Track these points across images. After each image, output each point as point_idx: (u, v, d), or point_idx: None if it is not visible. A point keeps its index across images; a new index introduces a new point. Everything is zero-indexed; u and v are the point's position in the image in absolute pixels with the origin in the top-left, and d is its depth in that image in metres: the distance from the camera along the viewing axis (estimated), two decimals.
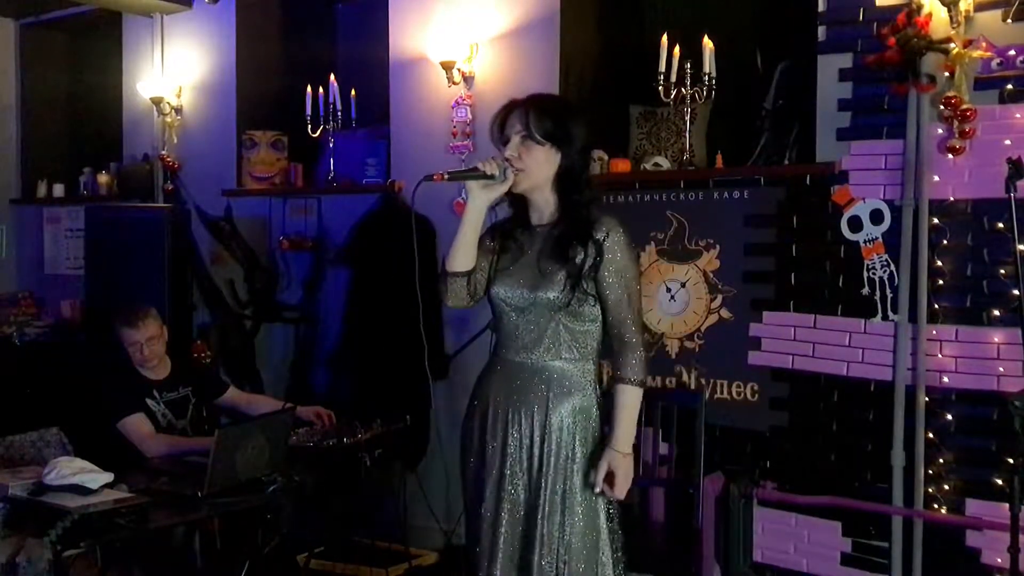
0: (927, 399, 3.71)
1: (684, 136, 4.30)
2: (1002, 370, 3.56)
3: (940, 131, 3.67)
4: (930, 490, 3.71)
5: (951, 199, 3.68)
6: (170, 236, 5.21)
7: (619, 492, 2.59)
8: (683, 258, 4.29)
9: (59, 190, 6.62)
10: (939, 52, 3.58)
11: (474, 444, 2.73)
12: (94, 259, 5.51)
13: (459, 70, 4.76)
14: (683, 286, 4.30)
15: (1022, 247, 3.19)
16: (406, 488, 4.73)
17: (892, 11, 3.70)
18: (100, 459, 3.22)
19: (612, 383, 2.64)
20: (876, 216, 3.83)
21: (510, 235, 2.74)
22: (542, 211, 2.71)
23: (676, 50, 4.17)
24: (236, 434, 3.33)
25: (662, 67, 4.18)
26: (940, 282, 3.70)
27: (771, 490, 3.95)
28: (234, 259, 5.67)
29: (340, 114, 5.18)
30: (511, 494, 2.64)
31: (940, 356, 3.70)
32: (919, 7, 3.61)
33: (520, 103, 2.67)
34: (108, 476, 3.11)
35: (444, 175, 2.65)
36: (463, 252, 2.67)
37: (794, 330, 4.02)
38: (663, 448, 4.04)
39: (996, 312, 3.60)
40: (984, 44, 3.54)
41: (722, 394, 4.19)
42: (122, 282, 5.17)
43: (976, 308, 3.64)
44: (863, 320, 3.86)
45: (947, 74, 3.60)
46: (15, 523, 3.00)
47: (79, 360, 5.47)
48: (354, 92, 5.22)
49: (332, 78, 5.17)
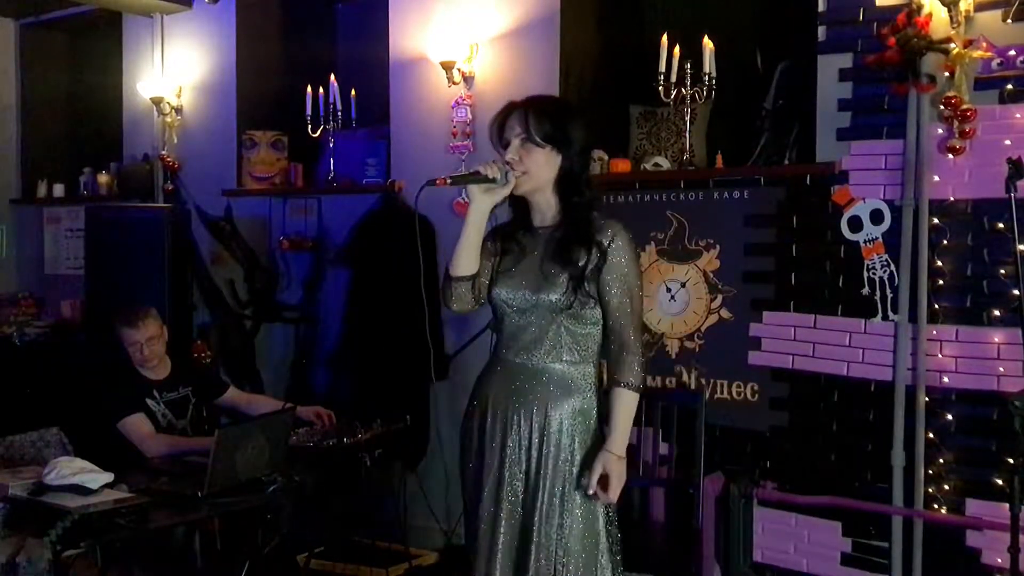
0: (927, 399, 3.71)
1: (684, 136, 4.30)
2: (1002, 370, 3.56)
3: (940, 131, 3.67)
4: (930, 490, 3.71)
5: (951, 199, 3.68)
6: (170, 236, 5.21)
7: (612, 495, 2.58)
8: (683, 258, 4.29)
9: (59, 190, 6.62)
10: (939, 52, 3.58)
11: (473, 445, 2.73)
12: (94, 259, 5.51)
13: (459, 70, 4.76)
14: (683, 286, 4.30)
15: (1022, 247, 3.18)
16: (406, 488, 4.73)
17: (892, 11, 3.70)
18: (100, 459, 3.22)
19: (610, 385, 2.64)
20: (876, 216, 3.83)
21: (511, 237, 2.73)
22: (544, 213, 2.70)
23: (676, 50, 4.17)
24: (236, 434, 3.33)
25: (662, 67, 4.18)
26: (940, 282, 3.70)
27: (771, 490, 3.95)
28: (234, 259, 5.67)
29: (340, 114, 5.18)
30: (510, 495, 2.64)
31: (940, 356, 3.70)
32: (919, 7, 3.61)
33: (519, 105, 2.66)
34: (108, 476, 3.11)
35: (447, 179, 2.64)
36: (467, 256, 2.66)
37: (794, 330, 4.01)
38: (663, 448, 4.04)
39: (996, 312, 3.60)
40: (984, 44, 3.54)
41: (722, 394, 4.18)
42: (122, 282, 5.17)
43: (976, 308, 3.64)
44: (863, 320, 3.86)
45: (947, 74, 3.60)
46: (15, 523, 3.00)
47: (79, 360, 5.47)
48: (354, 92, 5.22)
49: (332, 78, 5.17)
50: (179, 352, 4.38)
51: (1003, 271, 3.57)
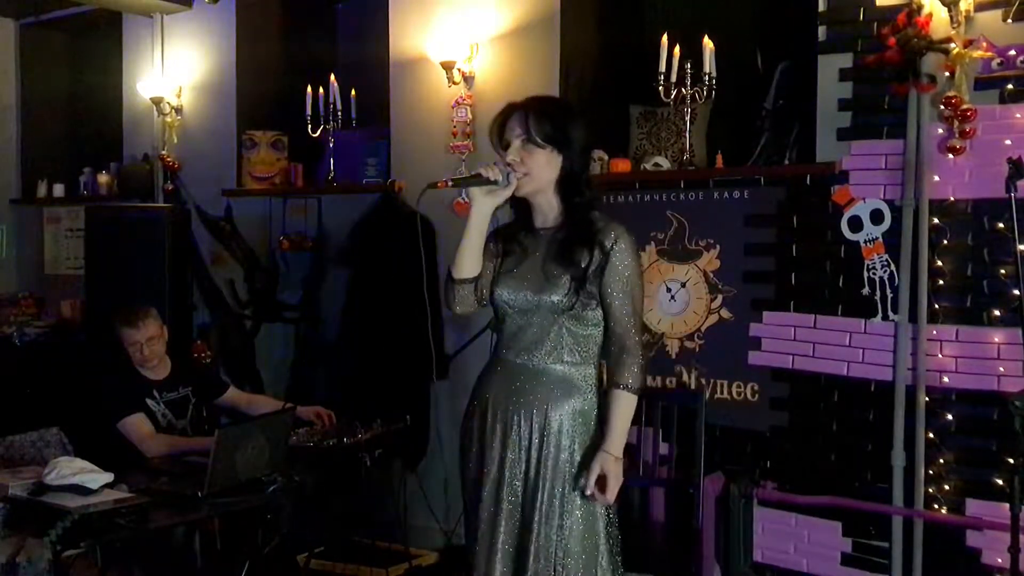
0: (927, 399, 3.71)
1: (684, 136, 4.29)
2: (1002, 370, 3.56)
3: (940, 131, 3.67)
4: (930, 490, 3.71)
5: (951, 199, 3.68)
6: (170, 236, 5.21)
7: (610, 496, 2.57)
8: (683, 258, 4.29)
9: (59, 190, 6.62)
10: (939, 52, 3.58)
11: (473, 445, 2.73)
12: (94, 259, 5.50)
13: (459, 70, 4.76)
14: (683, 286, 4.30)
15: (1022, 247, 3.18)
16: (406, 488, 4.74)
17: (892, 11, 3.70)
18: (100, 459, 3.22)
19: (609, 387, 2.63)
20: (876, 216, 3.83)
21: (513, 238, 2.72)
22: (546, 214, 2.70)
23: (676, 50, 4.17)
24: (236, 434, 3.33)
25: (662, 67, 4.18)
26: (940, 282, 3.70)
27: (771, 490, 3.95)
28: (234, 259, 5.67)
29: (340, 114, 5.18)
30: (510, 496, 2.64)
31: (940, 356, 3.70)
32: (919, 7, 3.61)
33: (519, 106, 2.65)
34: (108, 476, 3.11)
35: (448, 182, 2.64)
36: (469, 258, 2.66)
37: (794, 330, 4.01)
38: (663, 448, 4.04)
39: (996, 312, 3.60)
40: (984, 44, 3.54)
41: (722, 394, 4.18)
42: (122, 282, 5.17)
43: (976, 308, 3.64)
44: (863, 320, 3.85)
45: (947, 74, 3.60)
46: (15, 523, 2.99)
47: (79, 360, 5.47)
48: (354, 92, 5.21)
49: (332, 78, 5.17)
50: (179, 352, 4.38)
51: (1003, 271, 3.57)
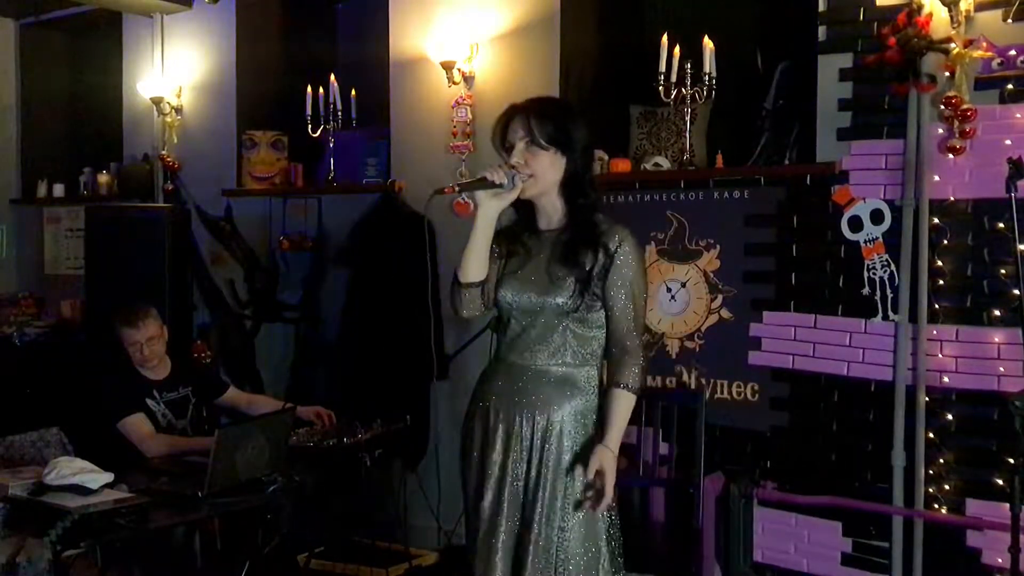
0: (927, 399, 3.71)
1: (684, 136, 4.29)
2: (1002, 370, 3.56)
3: (940, 131, 3.67)
4: (930, 490, 3.71)
5: (951, 199, 3.68)
6: (170, 236, 5.20)
7: (607, 492, 2.53)
8: (683, 258, 4.29)
9: (59, 190, 6.62)
10: (939, 52, 3.58)
11: (475, 446, 2.71)
12: (94, 259, 5.50)
13: (459, 70, 4.75)
14: (683, 286, 4.30)
15: (1022, 247, 3.18)
16: (406, 488, 4.74)
17: (892, 11, 3.70)
18: (100, 459, 3.22)
19: (609, 386, 2.62)
20: (876, 216, 3.83)
21: (516, 239, 2.71)
22: (550, 216, 2.69)
23: (676, 50, 4.17)
24: (236, 434, 3.33)
25: (662, 67, 4.18)
26: (940, 282, 3.70)
27: (771, 490, 3.95)
28: (234, 259, 5.67)
29: (340, 114, 5.18)
30: (511, 496, 2.63)
31: (940, 356, 3.70)
32: (919, 7, 3.61)
33: (521, 108, 2.64)
34: (108, 476, 3.11)
35: (454, 187, 2.64)
36: (476, 262, 2.64)
37: (794, 330, 4.01)
38: (663, 448, 4.04)
39: (996, 312, 3.60)
40: (984, 44, 3.54)
41: (722, 394, 4.18)
42: (122, 282, 5.17)
43: (976, 308, 3.64)
44: (863, 320, 3.86)
45: (947, 74, 3.60)
46: (15, 523, 2.99)
47: (79, 360, 5.47)
48: (354, 92, 5.21)
49: (332, 78, 5.17)
50: (179, 352, 4.38)
51: (1003, 271, 3.57)
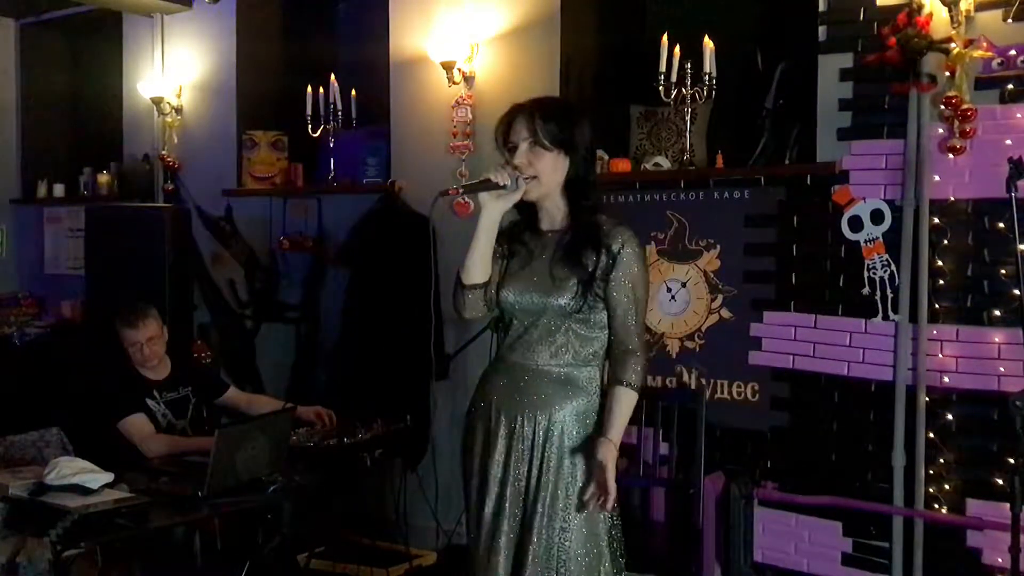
0: (928, 399, 3.71)
1: (684, 136, 4.29)
2: (1003, 370, 3.56)
3: (941, 131, 3.67)
4: (931, 490, 3.71)
5: (951, 199, 3.68)
6: (170, 236, 5.20)
7: (610, 483, 2.51)
8: (683, 258, 4.29)
9: (59, 190, 6.61)
10: (940, 52, 3.58)
11: (477, 445, 2.71)
12: (94, 259, 5.50)
13: (459, 70, 4.75)
14: (683, 286, 4.29)
15: (1022, 247, 3.18)
16: (406, 488, 4.73)
17: (893, 11, 3.70)
18: (100, 459, 3.22)
19: (611, 384, 2.62)
20: (876, 216, 3.83)
21: (518, 239, 2.71)
22: (553, 216, 2.68)
23: (676, 50, 4.17)
24: (236, 434, 3.33)
25: (662, 67, 4.18)
26: (941, 282, 3.70)
27: (771, 490, 3.95)
28: (234, 259, 5.67)
29: (340, 114, 5.18)
30: (513, 496, 2.62)
31: (941, 356, 3.70)
32: (920, 7, 3.61)
33: (525, 108, 2.62)
34: (108, 476, 3.10)
35: (459, 189, 2.63)
36: (479, 264, 2.63)
37: (794, 330, 4.01)
38: (663, 448, 4.03)
39: (997, 312, 3.60)
40: (985, 44, 3.53)
41: (722, 394, 4.18)
42: (122, 282, 5.16)
43: (977, 308, 3.64)
44: (864, 320, 3.85)
45: (948, 74, 3.60)
46: (15, 523, 3.00)
47: (79, 360, 5.47)
48: (354, 92, 5.21)
49: (332, 78, 5.17)
50: (179, 352, 4.38)
51: (1004, 271, 3.57)
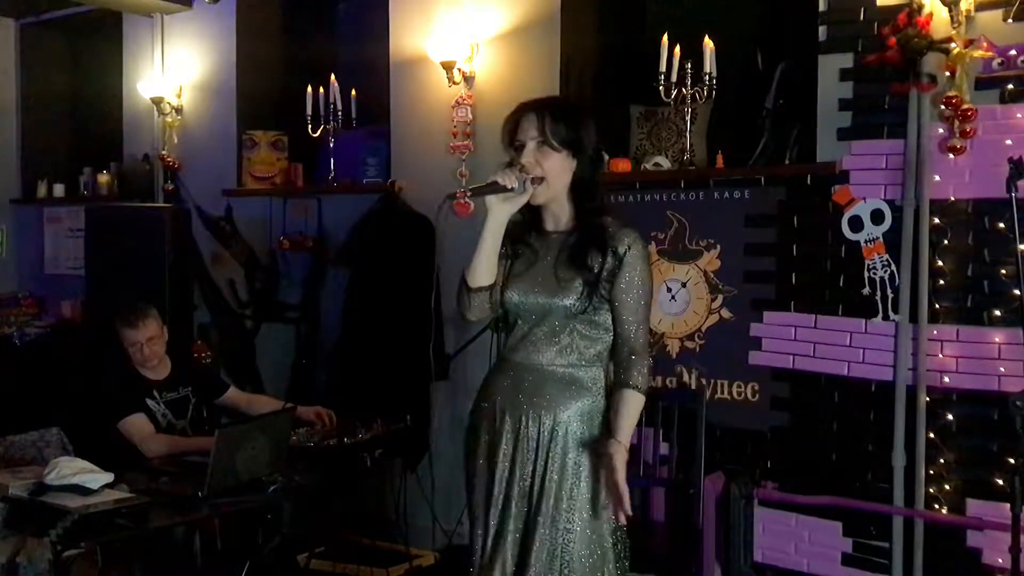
0: (928, 399, 3.71)
1: (684, 136, 4.29)
2: (1003, 370, 3.56)
3: (941, 131, 3.67)
4: (931, 490, 3.71)
5: (952, 199, 3.68)
6: (170, 236, 5.20)
7: (622, 483, 2.50)
8: (683, 258, 4.29)
9: (59, 190, 6.62)
10: (940, 52, 3.58)
11: (481, 446, 2.69)
12: (94, 259, 5.50)
13: (459, 70, 4.75)
14: (684, 286, 4.29)
15: (1022, 247, 3.17)
16: (406, 488, 4.73)
17: (893, 11, 3.70)
18: (100, 459, 3.22)
19: (617, 386, 2.61)
20: (877, 216, 3.83)
21: (522, 240, 2.69)
22: (558, 217, 2.68)
23: (676, 50, 4.17)
24: (236, 434, 3.33)
25: (662, 67, 4.17)
26: (941, 282, 3.70)
27: (771, 490, 3.95)
28: (234, 259, 5.66)
29: (340, 114, 5.18)
30: (519, 495, 2.61)
31: (941, 356, 3.70)
32: (920, 7, 3.61)
33: (533, 107, 2.61)
34: (108, 476, 3.10)
35: (467, 192, 2.61)
36: (485, 266, 2.62)
37: (795, 330, 4.01)
38: (663, 448, 4.03)
39: (997, 312, 3.60)
40: (985, 44, 3.53)
41: (722, 394, 4.18)
42: (122, 282, 5.16)
43: (977, 308, 3.64)
44: (864, 320, 3.85)
45: (948, 74, 3.60)
46: (15, 523, 3.00)
47: (79, 360, 5.47)
48: (354, 92, 5.21)
49: (332, 78, 5.17)
50: (179, 352, 4.38)
51: (1004, 271, 3.57)
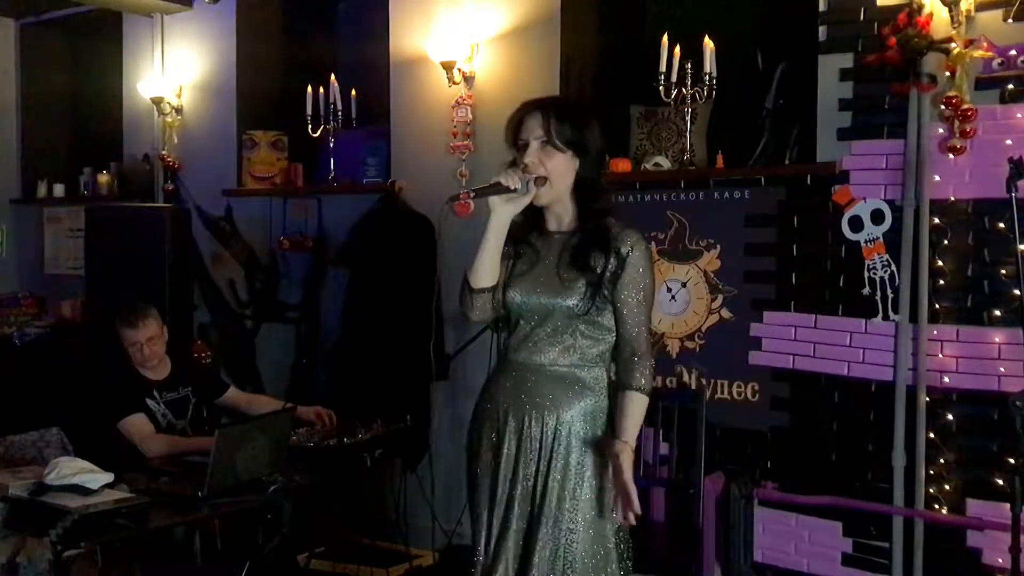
0: (928, 399, 3.71)
1: (684, 136, 4.29)
2: (1003, 370, 3.56)
3: (941, 131, 3.67)
4: (931, 490, 3.71)
5: (952, 199, 3.68)
6: (170, 236, 5.20)
7: (630, 485, 2.48)
8: (684, 258, 4.29)
9: (59, 190, 6.62)
10: (940, 52, 3.58)
11: (484, 446, 2.68)
12: (94, 259, 5.50)
13: (459, 70, 4.75)
14: (684, 286, 4.29)
15: (1022, 247, 3.17)
16: (406, 488, 4.73)
17: (893, 11, 3.70)
18: (100, 459, 3.22)
19: (621, 388, 2.60)
20: (877, 216, 3.83)
21: (524, 240, 2.69)
22: (560, 218, 2.67)
23: (676, 50, 4.17)
24: (236, 434, 3.33)
25: (662, 67, 4.17)
26: (941, 282, 3.70)
27: (771, 490, 3.95)
28: (234, 259, 5.67)
29: (340, 114, 5.18)
30: (522, 495, 2.61)
31: (941, 356, 3.70)
32: (920, 7, 3.61)
33: (538, 106, 2.61)
34: (108, 476, 3.10)
35: (470, 194, 2.60)
36: (488, 267, 2.61)
37: (795, 330, 4.01)
38: (663, 448, 4.03)
39: (997, 312, 3.60)
40: (985, 44, 3.53)
41: (722, 394, 4.18)
42: (122, 282, 5.16)
43: (977, 308, 3.64)
44: (864, 320, 3.85)
45: (948, 74, 3.60)
46: (15, 523, 3.00)
47: (79, 360, 5.47)
48: (354, 92, 5.21)
49: (332, 78, 5.17)
50: (179, 352, 4.38)
51: (1004, 271, 3.57)
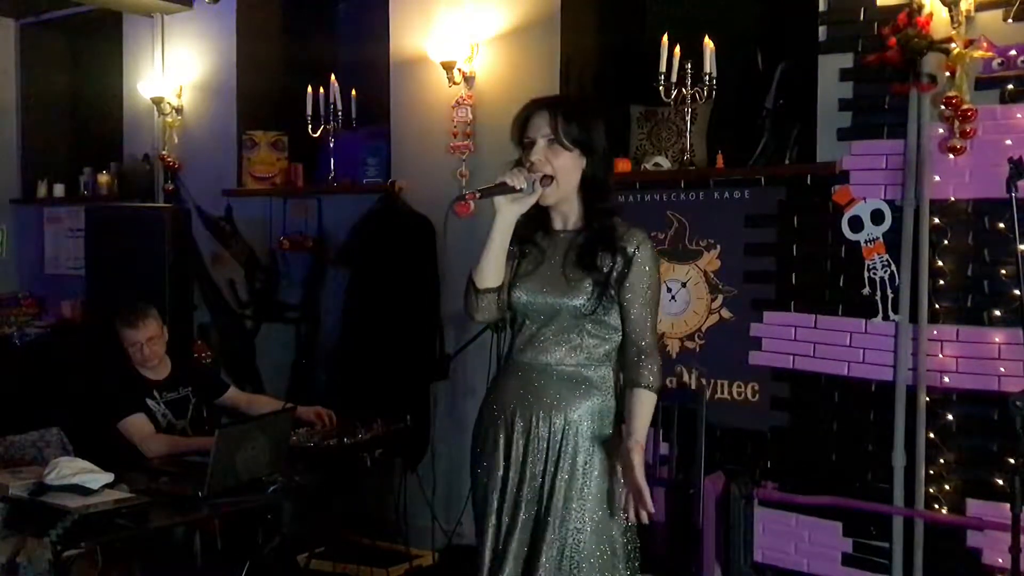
0: (928, 399, 3.71)
1: (684, 136, 4.29)
2: (1003, 370, 3.56)
3: (941, 131, 3.67)
4: (931, 490, 3.71)
5: (952, 199, 3.68)
6: (170, 236, 5.20)
7: (642, 483, 2.47)
8: (684, 258, 4.29)
9: (59, 190, 6.62)
10: (940, 52, 3.58)
11: (488, 448, 2.67)
12: (94, 259, 5.50)
13: (459, 70, 4.75)
14: (684, 286, 4.30)
15: (1022, 247, 3.17)
16: (406, 488, 4.73)
17: (893, 11, 3.70)
18: (100, 459, 3.22)
19: (628, 387, 2.60)
20: (877, 216, 3.83)
21: (529, 239, 2.68)
22: (567, 217, 2.66)
23: (676, 50, 4.17)
24: (236, 434, 3.33)
25: (662, 67, 4.17)
26: (941, 282, 3.70)
27: (772, 490, 3.95)
28: (234, 259, 5.67)
29: (340, 114, 5.18)
30: (529, 495, 2.60)
31: (941, 356, 3.70)
32: (920, 7, 3.61)
33: (545, 104, 2.60)
34: (108, 476, 3.10)
35: (475, 194, 2.57)
36: (493, 268, 2.60)
37: (795, 330, 4.01)
38: (663, 448, 4.03)
39: (997, 312, 3.60)
40: (985, 44, 3.54)
41: (722, 394, 4.18)
42: (122, 282, 5.16)
43: (977, 308, 3.64)
44: (864, 320, 3.85)
45: (948, 74, 3.60)
46: (15, 523, 3.00)
47: (79, 360, 5.47)
48: (354, 92, 5.21)
49: (332, 78, 5.17)
50: (179, 352, 4.38)
51: (1004, 271, 3.57)
